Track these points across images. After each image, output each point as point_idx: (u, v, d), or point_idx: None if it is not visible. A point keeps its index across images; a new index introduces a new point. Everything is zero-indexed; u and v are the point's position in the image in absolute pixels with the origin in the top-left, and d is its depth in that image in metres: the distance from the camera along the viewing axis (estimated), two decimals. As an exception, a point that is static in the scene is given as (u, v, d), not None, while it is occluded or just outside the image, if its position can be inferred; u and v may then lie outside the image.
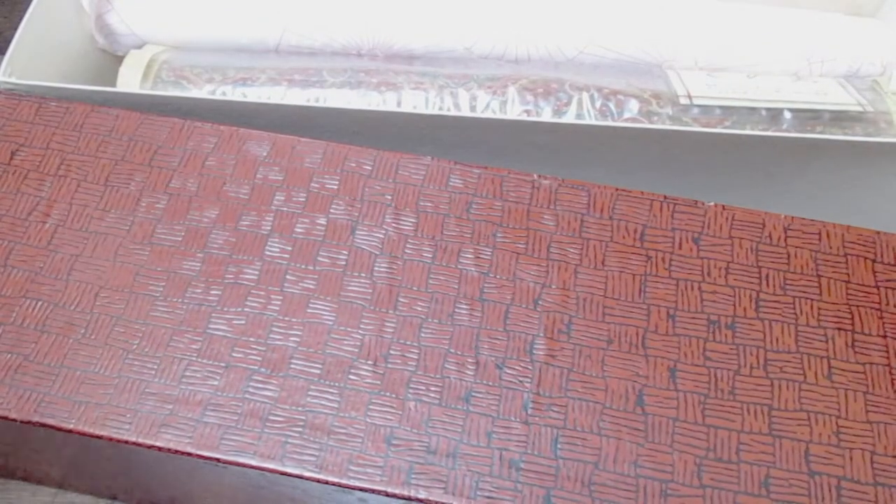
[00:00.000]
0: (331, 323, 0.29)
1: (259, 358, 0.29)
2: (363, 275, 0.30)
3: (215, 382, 0.28)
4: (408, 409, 0.28)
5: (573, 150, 0.35)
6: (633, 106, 0.35)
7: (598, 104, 0.35)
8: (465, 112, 0.35)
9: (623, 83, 0.36)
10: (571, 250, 0.31)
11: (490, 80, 0.36)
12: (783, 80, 0.37)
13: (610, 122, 0.35)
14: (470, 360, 0.29)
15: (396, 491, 0.26)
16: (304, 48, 0.39)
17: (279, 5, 0.39)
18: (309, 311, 0.29)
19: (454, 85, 0.35)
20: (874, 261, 0.31)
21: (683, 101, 0.35)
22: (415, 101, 0.35)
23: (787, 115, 0.35)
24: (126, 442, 0.27)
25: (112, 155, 0.33)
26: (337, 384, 0.28)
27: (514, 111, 0.35)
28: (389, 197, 0.32)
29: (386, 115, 0.34)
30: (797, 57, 0.39)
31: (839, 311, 0.30)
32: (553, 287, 0.30)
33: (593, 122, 0.35)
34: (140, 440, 0.27)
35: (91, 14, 0.40)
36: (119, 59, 0.41)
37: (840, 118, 0.35)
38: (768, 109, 0.35)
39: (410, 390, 0.28)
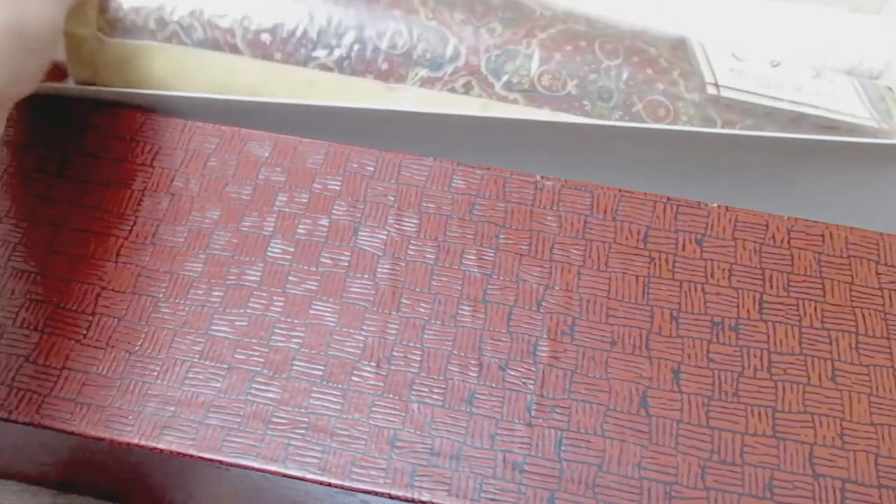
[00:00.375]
0: (333, 324, 0.29)
1: (261, 359, 0.28)
2: (366, 276, 0.30)
3: (217, 384, 0.28)
4: (411, 410, 0.28)
5: (576, 145, 0.35)
6: (659, 87, 0.34)
7: (624, 76, 0.34)
8: (481, 61, 0.34)
9: (653, 52, 0.35)
10: (574, 251, 0.31)
11: (513, 22, 0.35)
12: (802, 77, 0.37)
13: (619, 123, 0.34)
14: (473, 361, 0.29)
15: (399, 493, 0.26)
16: None
17: None
18: (311, 312, 0.29)
19: (473, 27, 0.34)
20: (878, 262, 0.31)
21: (710, 89, 0.35)
22: (429, 37, 0.34)
23: (807, 122, 0.35)
24: (128, 444, 0.27)
25: (113, 155, 0.32)
26: (340, 386, 0.28)
27: (534, 67, 0.34)
28: (392, 198, 0.32)
29: (387, 113, 0.34)
30: (799, 51, 0.39)
31: (843, 313, 0.30)
32: (556, 288, 0.30)
33: (599, 122, 0.35)
34: (142, 442, 0.27)
35: None
36: None
37: (855, 131, 0.35)
38: (791, 112, 0.35)
39: (413, 392, 0.28)
